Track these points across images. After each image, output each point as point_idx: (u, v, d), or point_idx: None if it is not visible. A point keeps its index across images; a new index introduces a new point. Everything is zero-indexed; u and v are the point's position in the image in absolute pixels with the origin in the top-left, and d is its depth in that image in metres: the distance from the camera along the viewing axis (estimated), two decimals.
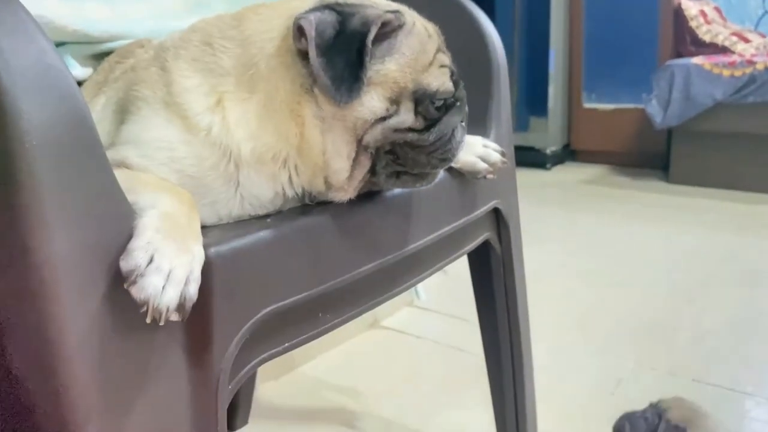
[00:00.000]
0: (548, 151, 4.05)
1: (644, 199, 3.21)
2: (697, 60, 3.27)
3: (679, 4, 3.64)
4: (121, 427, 0.54)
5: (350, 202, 0.72)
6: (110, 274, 0.52)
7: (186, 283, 0.53)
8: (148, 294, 0.51)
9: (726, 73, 3.13)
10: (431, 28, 0.73)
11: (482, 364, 1.17)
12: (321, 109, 0.66)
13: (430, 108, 0.69)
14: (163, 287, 0.51)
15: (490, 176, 0.90)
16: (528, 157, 3.99)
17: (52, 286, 0.50)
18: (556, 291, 2.08)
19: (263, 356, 0.66)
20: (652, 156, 3.80)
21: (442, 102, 0.70)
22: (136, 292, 0.51)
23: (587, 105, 4.13)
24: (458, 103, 0.73)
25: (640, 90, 3.61)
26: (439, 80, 0.70)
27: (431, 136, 0.69)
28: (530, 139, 4.12)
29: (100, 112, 0.75)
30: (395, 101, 0.67)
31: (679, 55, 3.62)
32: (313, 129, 0.66)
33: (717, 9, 3.78)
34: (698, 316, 1.86)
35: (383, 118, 0.67)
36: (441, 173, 0.76)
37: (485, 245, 1.03)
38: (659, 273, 2.21)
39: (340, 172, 0.68)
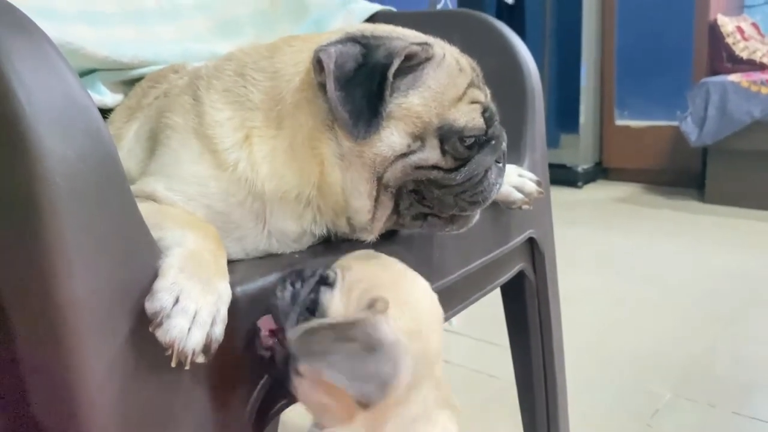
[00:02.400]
0: (580, 169, 3.98)
1: (679, 219, 3.14)
2: (733, 77, 3.20)
3: (715, 20, 3.58)
4: None
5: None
6: (133, 314, 0.51)
7: (212, 324, 0.52)
8: (174, 336, 0.49)
9: (764, 90, 3.06)
10: (465, 61, 0.70)
11: (510, 388, 1.14)
12: (340, 146, 0.63)
13: (458, 146, 0.65)
14: (189, 329, 0.50)
15: (525, 207, 0.87)
16: (559, 175, 3.92)
17: (74, 328, 0.48)
18: (588, 315, 2.03)
19: (289, 399, 0.63)
20: (687, 175, 3.72)
21: (472, 140, 0.66)
22: (161, 334, 0.49)
23: (619, 122, 4.07)
24: (492, 142, 0.68)
25: (674, 107, 3.54)
26: (468, 116, 0.66)
27: (459, 176, 0.65)
28: (561, 157, 4.05)
29: (132, 139, 0.74)
30: (419, 137, 0.64)
31: (715, 72, 3.55)
32: (332, 167, 0.64)
33: (755, 25, 3.71)
34: (737, 344, 1.80)
35: (404, 155, 0.64)
36: (477, 217, 0.72)
37: (519, 274, 1.00)
38: (695, 297, 2.14)
39: (361, 211, 0.65)
